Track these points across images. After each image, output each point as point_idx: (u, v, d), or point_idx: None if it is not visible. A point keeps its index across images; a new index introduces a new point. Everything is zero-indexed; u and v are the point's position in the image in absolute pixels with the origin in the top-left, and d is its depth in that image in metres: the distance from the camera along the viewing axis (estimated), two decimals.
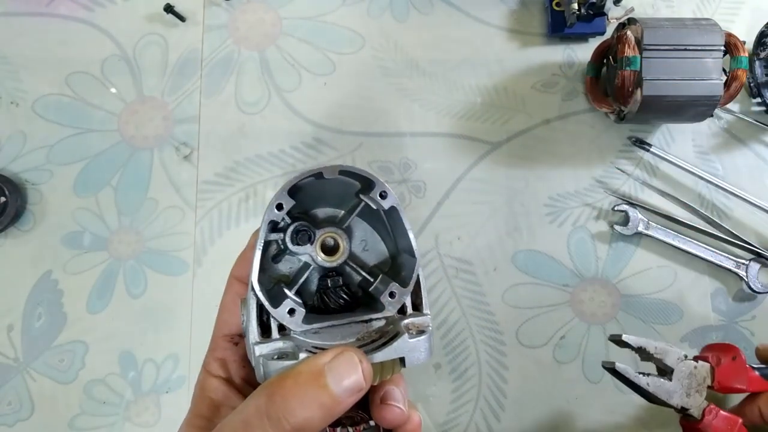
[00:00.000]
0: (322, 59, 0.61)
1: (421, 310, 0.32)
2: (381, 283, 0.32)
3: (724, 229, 0.57)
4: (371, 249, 0.35)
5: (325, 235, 0.32)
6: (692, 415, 0.45)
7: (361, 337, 0.31)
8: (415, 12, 0.62)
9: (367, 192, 0.32)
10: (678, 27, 0.52)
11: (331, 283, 0.33)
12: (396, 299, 0.32)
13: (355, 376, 0.26)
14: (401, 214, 0.32)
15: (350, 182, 0.32)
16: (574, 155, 0.59)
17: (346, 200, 0.34)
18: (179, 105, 0.59)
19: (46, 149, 0.58)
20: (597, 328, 0.56)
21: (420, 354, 0.29)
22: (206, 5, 0.61)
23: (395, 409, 0.30)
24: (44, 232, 0.57)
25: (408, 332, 0.30)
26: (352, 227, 0.34)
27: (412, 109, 0.60)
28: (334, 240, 0.32)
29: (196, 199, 0.58)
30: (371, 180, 0.31)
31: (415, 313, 0.32)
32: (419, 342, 0.29)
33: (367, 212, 0.33)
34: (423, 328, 0.31)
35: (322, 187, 0.32)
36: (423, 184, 0.58)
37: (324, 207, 0.35)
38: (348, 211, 0.34)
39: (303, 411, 0.25)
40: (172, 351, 0.55)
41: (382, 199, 0.31)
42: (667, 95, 0.51)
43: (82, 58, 0.60)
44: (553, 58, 0.61)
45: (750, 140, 0.60)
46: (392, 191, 0.31)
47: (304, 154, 0.59)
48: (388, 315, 0.32)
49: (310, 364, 0.26)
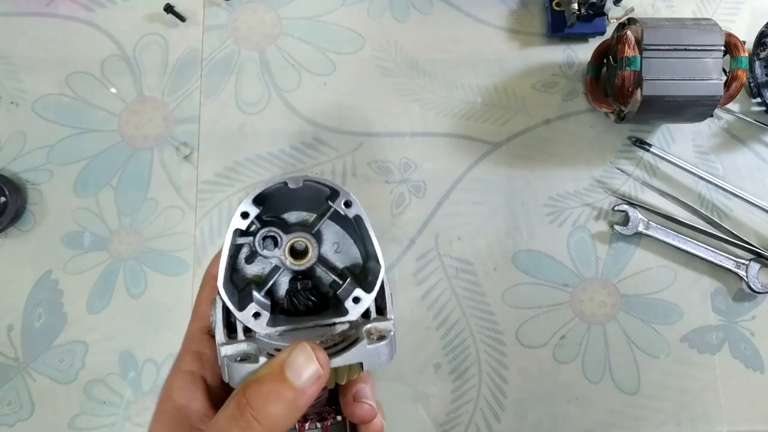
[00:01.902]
0: (322, 59, 0.61)
1: (386, 314, 0.33)
2: (348, 285, 0.33)
3: (724, 229, 0.57)
4: (343, 251, 0.36)
5: (294, 240, 0.33)
6: None
7: (324, 340, 0.32)
8: (415, 12, 0.62)
9: (334, 199, 0.33)
10: (678, 27, 0.52)
11: (300, 286, 0.34)
12: (359, 304, 0.32)
13: (313, 366, 0.28)
14: (366, 223, 0.33)
15: (320, 187, 0.33)
16: (574, 155, 0.59)
17: (317, 204, 0.35)
18: (179, 105, 0.59)
19: (46, 149, 0.58)
20: (597, 328, 0.56)
21: (380, 359, 0.30)
22: (206, 5, 0.61)
23: (365, 405, 0.32)
24: (44, 232, 0.57)
25: (369, 337, 0.31)
26: (323, 230, 0.35)
27: (412, 109, 0.60)
28: (304, 245, 0.33)
29: (196, 199, 0.58)
30: (336, 189, 0.32)
31: (379, 317, 0.33)
32: (379, 348, 0.30)
33: (339, 216, 0.34)
34: (384, 333, 0.32)
35: (292, 193, 0.33)
36: (423, 184, 0.58)
37: (296, 210, 0.36)
38: (318, 215, 0.35)
39: (270, 408, 0.27)
40: (172, 351, 0.55)
41: (347, 207, 0.32)
42: (667, 95, 0.51)
43: (82, 58, 0.60)
44: (553, 58, 0.61)
45: (750, 140, 0.60)
46: (356, 200, 0.32)
47: (304, 154, 0.59)
48: (352, 319, 0.33)
49: (270, 364, 0.28)
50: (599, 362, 0.56)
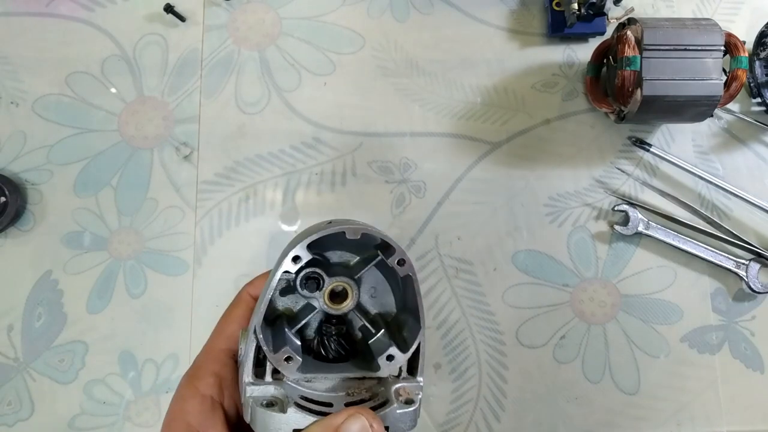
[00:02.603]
0: (322, 59, 0.61)
1: (416, 375, 0.32)
2: (382, 337, 0.32)
3: (724, 229, 0.57)
4: (378, 297, 0.35)
5: (335, 284, 0.32)
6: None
7: (351, 393, 0.31)
8: (415, 12, 0.62)
9: (386, 253, 0.32)
10: (678, 27, 0.52)
11: (335, 331, 0.33)
12: (393, 363, 0.31)
13: None
14: (415, 284, 0.32)
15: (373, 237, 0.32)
16: (574, 155, 0.59)
17: (363, 248, 0.34)
18: (179, 105, 0.59)
19: (46, 149, 0.58)
20: (597, 328, 0.56)
21: (404, 425, 0.30)
22: (206, 5, 0.61)
23: None
24: (44, 232, 0.57)
25: (398, 400, 0.30)
26: (363, 275, 0.34)
27: (412, 109, 0.60)
28: (343, 289, 0.32)
29: (196, 199, 0.58)
30: (391, 246, 0.31)
31: (408, 377, 0.32)
32: (406, 413, 0.30)
33: (382, 264, 0.33)
34: (413, 396, 0.31)
35: (341, 236, 0.32)
36: (423, 184, 0.58)
37: (341, 250, 0.35)
38: (363, 260, 0.34)
39: None
40: (172, 351, 0.55)
41: (400, 266, 0.31)
42: (667, 95, 0.51)
43: (82, 58, 0.60)
44: (553, 58, 0.61)
45: (750, 140, 0.60)
46: (411, 260, 0.31)
47: (304, 154, 0.59)
48: (382, 377, 0.32)
49: (324, 424, 0.27)
50: (599, 362, 0.56)
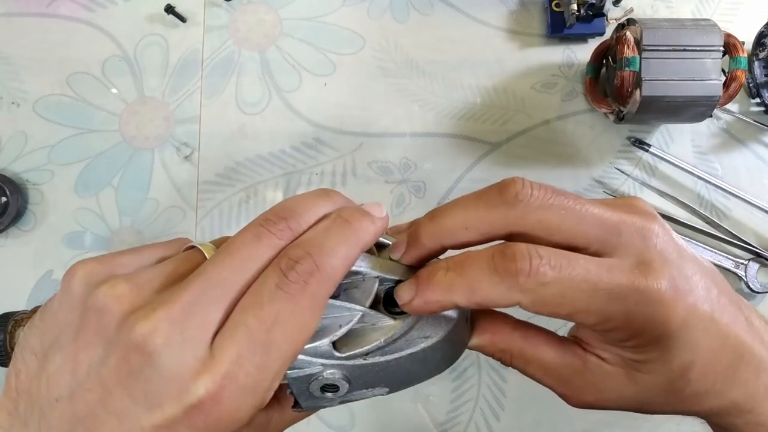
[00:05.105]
0: (323, 60, 0.61)
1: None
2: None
3: (723, 229, 0.57)
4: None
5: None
6: None
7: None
8: (415, 12, 0.62)
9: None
10: (677, 27, 0.52)
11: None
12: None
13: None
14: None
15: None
16: (574, 155, 0.60)
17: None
18: (180, 105, 0.59)
19: (47, 149, 0.58)
20: None
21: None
22: (207, 6, 0.61)
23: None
24: (45, 232, 0.57)
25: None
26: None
27: (412, 110, 0.60)
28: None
29: (197, 200, 0.58)
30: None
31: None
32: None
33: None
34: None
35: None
36: (423, 184, 0.59)
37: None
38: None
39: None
40: None
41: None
42: (666, 95, 0.51)
43: (82, 59, 0.60)
44: (552, 58, 0.61)
45: (749, 140, 0.60)
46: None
47: (304, 154, 0.59)
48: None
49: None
50: None
